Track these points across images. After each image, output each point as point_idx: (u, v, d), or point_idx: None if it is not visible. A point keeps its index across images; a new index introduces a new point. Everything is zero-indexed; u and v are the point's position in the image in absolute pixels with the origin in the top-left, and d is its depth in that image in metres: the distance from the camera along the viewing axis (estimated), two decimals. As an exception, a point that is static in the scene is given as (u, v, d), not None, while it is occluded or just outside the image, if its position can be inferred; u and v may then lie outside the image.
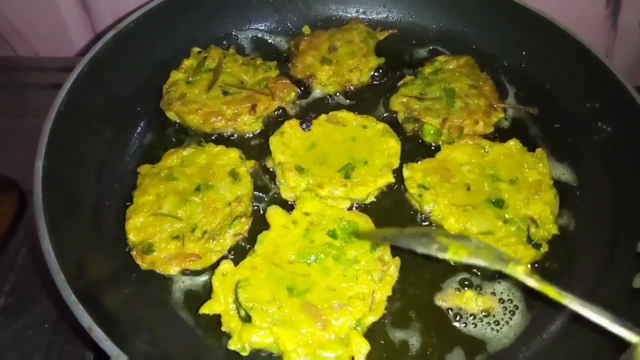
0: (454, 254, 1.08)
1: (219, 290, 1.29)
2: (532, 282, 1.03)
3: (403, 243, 1.15)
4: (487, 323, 1.32)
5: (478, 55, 1.81)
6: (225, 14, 1.86)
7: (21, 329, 1.44)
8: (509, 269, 1.05)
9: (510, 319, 1.33)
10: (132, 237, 1.37)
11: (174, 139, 1.64)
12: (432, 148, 1.63)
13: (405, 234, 1.17)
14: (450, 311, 1.34)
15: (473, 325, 1.32)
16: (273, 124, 1.67)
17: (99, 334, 1.05)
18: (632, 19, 2.19)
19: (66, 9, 2.15)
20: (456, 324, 1.32)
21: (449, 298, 1.36)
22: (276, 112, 1.70)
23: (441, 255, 1.08)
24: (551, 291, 1.01)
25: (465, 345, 1.29)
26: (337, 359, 1.21)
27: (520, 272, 1.04)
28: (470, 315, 1.33)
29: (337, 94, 1.77)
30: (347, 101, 1.76)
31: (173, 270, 1.34)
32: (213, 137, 1.64)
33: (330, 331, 1.23)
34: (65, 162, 1.36)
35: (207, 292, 1.33)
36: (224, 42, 1.86)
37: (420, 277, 1.39)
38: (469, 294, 1.35)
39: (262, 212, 1.47)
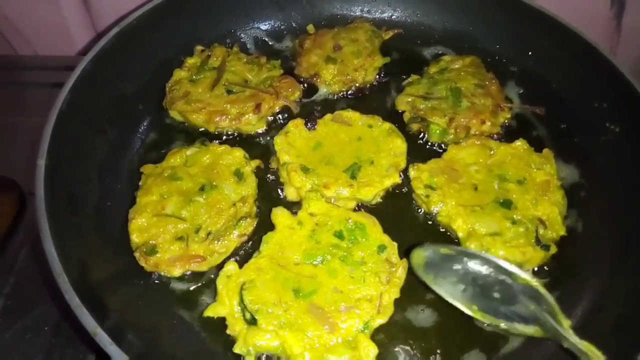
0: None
1: (223, 292, 1.26)
2: None
3: None
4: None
5: (484, 54, 1.79)
6: (229, 13, 1.85)
7: (21, 332, 1.42)
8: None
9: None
10: (135, 238, 1.34)
11: (177, 139, 1.62)
12: (439, 148, 1.61)
13: None
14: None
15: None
16: (277, 123, 1.65)
17: (103, 338, 1.03)
18: (637, 20, 2.18)
19: (67, 7, 2.13)
20: (469, 326, 1.30)
21: None
22: (280, 112, 1.67)
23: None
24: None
25: (479, 347, 1.27)
26: (344, 362, 1.19)
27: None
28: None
29: (342, 93, 1.75)
30: (353, 100, 1.74)
31: (177, 271, 1.32)
32: (217, 137, 1.62)
33: (338, 334, 1.21)
34: (67, 161, 1.34)
35: (211, 294, 1.31)
36: (228, 41, 1.84)
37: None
38: None
39: (267, 212, 1.45)
